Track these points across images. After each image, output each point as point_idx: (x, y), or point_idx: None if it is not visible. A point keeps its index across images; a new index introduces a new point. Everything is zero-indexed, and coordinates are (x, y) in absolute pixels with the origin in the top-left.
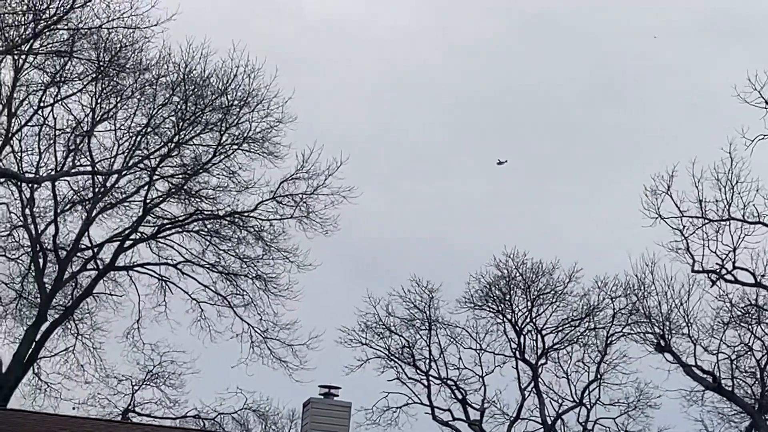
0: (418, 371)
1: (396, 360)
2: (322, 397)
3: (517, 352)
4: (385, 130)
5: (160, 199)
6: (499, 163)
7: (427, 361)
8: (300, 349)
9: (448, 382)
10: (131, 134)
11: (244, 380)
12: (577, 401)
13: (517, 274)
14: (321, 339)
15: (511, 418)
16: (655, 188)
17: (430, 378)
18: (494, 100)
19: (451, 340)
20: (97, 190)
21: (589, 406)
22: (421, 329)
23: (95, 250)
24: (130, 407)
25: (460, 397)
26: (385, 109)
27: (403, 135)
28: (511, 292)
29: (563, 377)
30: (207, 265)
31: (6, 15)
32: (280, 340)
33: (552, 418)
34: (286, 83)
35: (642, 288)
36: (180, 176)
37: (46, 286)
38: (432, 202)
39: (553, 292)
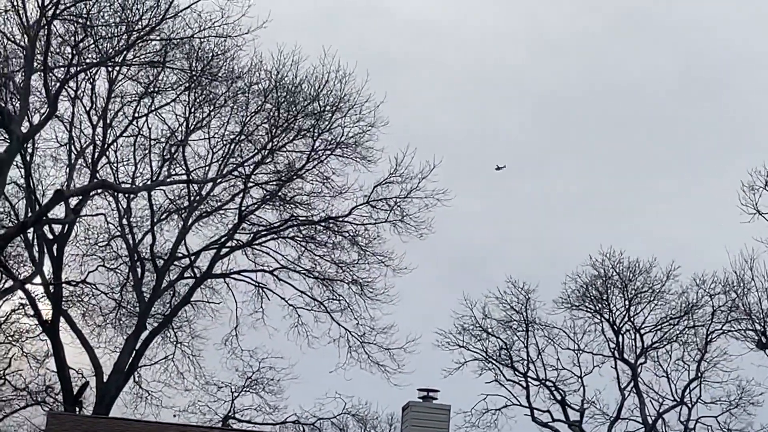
0: (516, 373)
1: (494, 362)
2: (421, 400)
3: (615, 352)
4: (477, 130)
5: (255, 206)
6: (498, 168)
7: (525, 362)
8: (397, 352)
9: (547, 383)
10: (225, 142)
11: (342, 385)
12: (678, 400)
13: (614, 273)
14: (418, 342)
15: (611, 419)
16: (752, 183)
17: (529, 379)
18: (586, 97)
19: (549, 340)
20: (192, 198)
21: (690, 405)
22: (518, 330)
23: (192, 258)
24: (230, 414)
25: (559, 398)
26: (477, 109)
27: (496, 134)
28: (608, 291)
29: (663, 376)
30: (303, 271)
31: (100, 27)
32: (377, 344)
33: (653, 418)
34: (377, 86)
35: (741, 284)
36: (274, 183)
37: (145, 295)
38: (526, 202)
39: (650, 290)
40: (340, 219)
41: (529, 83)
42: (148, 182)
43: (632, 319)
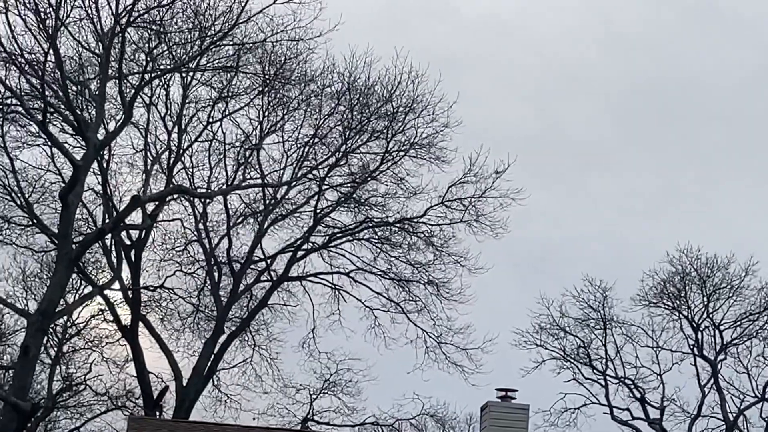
0: (594, 371)
1: (572, 360)
2: (499, 400)
3: (694, 349)
4: (549, 127)
5: (330, 208)
6: (497, 173)
7: (604, 360)
8: (475, 352)
9: (626, 381)
10: (299, 145)
11: (420, 385)
12: (759, 396)
13: (692, 270)
14: (495, 342)
15: (692, 416)
16: None
17: (607, 377)
18: (658, 91)
19: (627, 338)
20: (267, 202)
21: None
22: (595, 329)
23: (268, 261)
24: (308, 416)
25: (638, 396)
26: (548, 106)
27: (568, 131)
28: (686, 288)
29: (744, 372)
30: (379, 272)
31: (173, 34)
32: (454, 345)
33: (734, 415)
34: (449, 86)
35: None
36: (349, 185)
37: (222, 299)
38: (600, 199)
39: (729, 286)
40: (415, 220)
41: (601, 78)
42: (224, 186)
43: (711, 315)
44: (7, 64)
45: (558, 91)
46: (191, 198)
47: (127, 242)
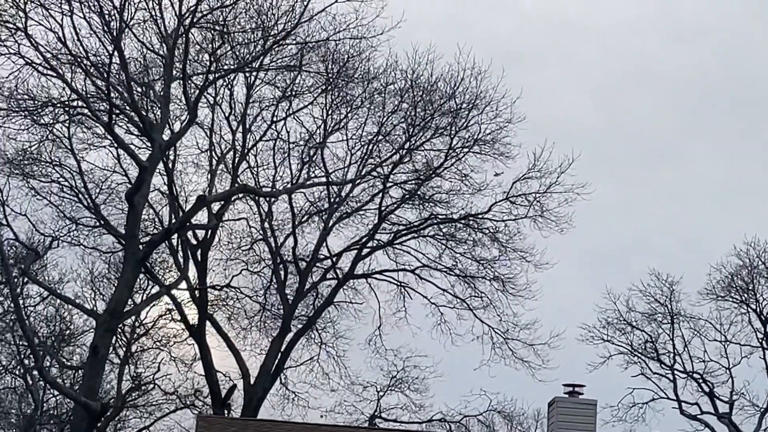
0: (662, 366)
1: (639, 355)
2: (566, 395)
3: (764, 342)
4: (612, 121)
5: (395, 205)
6: (496, 174)
7: (671, 355)
8: (541, 348)
9: (694, 375)
10: (363, 143)
11: (487, 382)
12: None
13: (760, 263)
14: (562, 337)
15: (762, 410)
16: None
17: (676, 372)
18: (722, 83)
19: (695, 332)
20: (332, 200)
21: None
22: (663, 323)
23: (334, 259)
24: (376, 413)
25: (707, 390)
26: (611, 98)
27: (632, 125)
28: (755, 281)
29: None
30: (444, 269)
31: (236, 34)
32: (521, 341)
33: None
34: (511, 82)
35: None
36: (413, 182)
37: (288, 297)
38: (665, 192)
39: None
40: (480, 216)
41: (664, 70)
42: (288, 185)
43: None
44: (73, 67)
45: (621, 84)
46: (256, 197)
47: (194, 242)
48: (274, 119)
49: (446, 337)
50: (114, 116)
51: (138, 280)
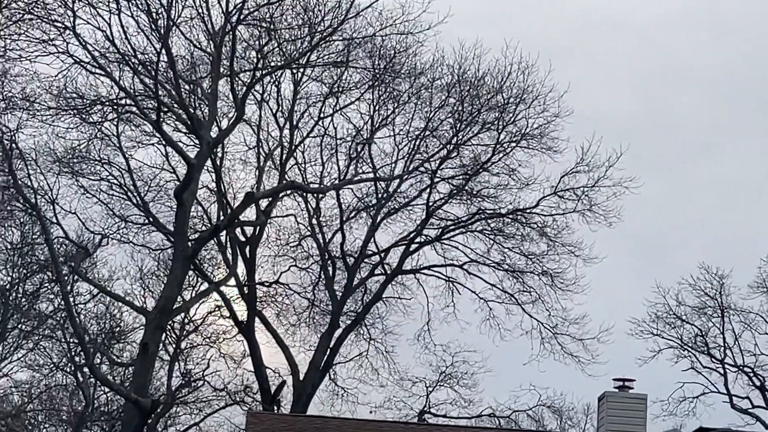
0: (712, 360)
1: (689, 349)
2: (616, 390)
3: None
4: (656, 114)
5: (443, 201)
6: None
7: (722, 348)
8: (591, 343)
9: (745, 369)
10: (410, 138)
11: (536, 376)
12: None
13: None
14: (611, 332)
15: None
16: None
17: (726, 366)
18: (764, 77)
19: (746, 326)
20: (380, 196)
21: None
22: (713, 317)
23: (382, 255)
24: (425, 409)
25: (758, 384)
26: (656, 93)
27: (677, 118)
28: None
29: None
30: (493, 264)
31: (283, 30)
32: (570, 335)
33: None
34: (559, 76)
35: None
36: (461, 177)
37: (337, 293)
38: (713, 185)
39: None
40: (528, 210)
41: (707, 64)
42: (336, 181)
43: None
44: (121, 65)
45: (664, 79)
46: (304, 193)
47: (242, 239)
48: (321, 115)
49: (495, 332)
50: (162, 114)
51: (187, 277)
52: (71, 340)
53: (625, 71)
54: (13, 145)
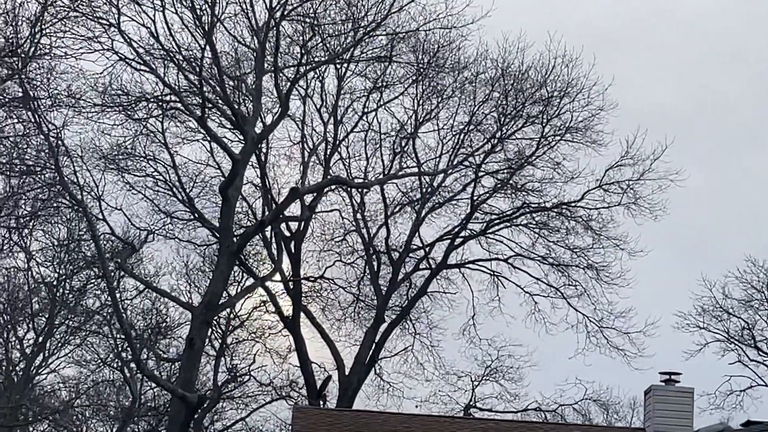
0: (760, 353)
1: (736, 342)
2: (663, 383)
3: None
4: (702, 105)
5: (487, 195)
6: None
7: None
8: (637, 336)
9: None
10: (454, 133)
11: (582, 370)
12: None
13: None
14: (657, 325)
15: None
16: None
17: None
18: None
19: None
20: (424, 190)
21: None
22: (760, 310)
23: (426, 249)
24: (471, 403)
25: None
26: (703, 84)
27: (725, 109)
28: None
29: None
30: (538, 258)
31: (327, 26)
32: (616, 329)
33: None
34: (603, 68)
35: None
36: (505, 171)
37: (382, 288)
38: (761, 176)
39: None
40: (573, 204)
41: (753, 53)
42: (380, 176)
43: None
44: (166, 62)
45: (711, 69)
46: (349, 188)
47: (287, 234)
48: (365, 110)
49: (540, 326)
50: (207, 110)
51: (232, 272)
52: (118, 336)
53: (671, 61)
54: (60, 142)
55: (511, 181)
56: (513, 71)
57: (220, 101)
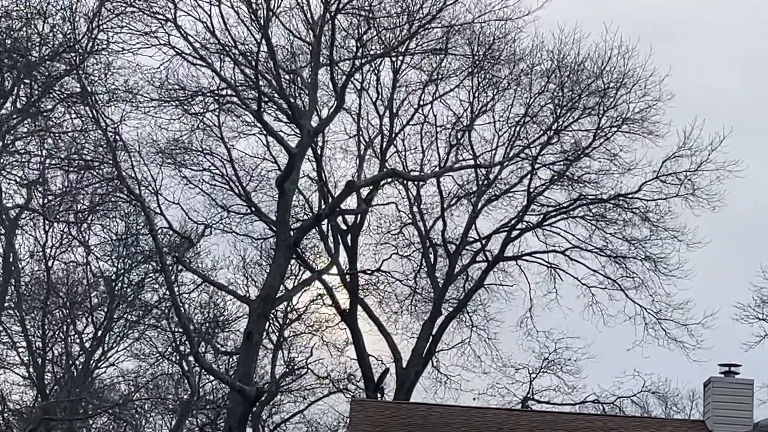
0: None
1: None
2: (722, 375)
3: None
4: (763, 94)
5: (543, 187)
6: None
7: None
8: (695, 328)
9: None
10: (510, 125)
11: (640, 363)
12: None
13: None
14: (716, 317)
15: None
16: None
17: None
18: None
19: None
20: (480, 182)
21: None
22: None
23: (483, 242)
24: (528, 395)
25: None
26: (761, 72)
27: None
28: None
29: None
30: (595, 250)
31: (382, 19)
32: (674, 321)
33: None
34: (660, 58)
35: None
36: (561, 163)
37: (439, 280)
38: None
39: None
40: (630, 195)
41: None
42: (436, 169)
43: None
44: (222, 56)
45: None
46: (405, 181)
47: (343, 227)
48: (421, 103)
49: (598, 318)
50: (263, 104)
51: (289, 265)
52: (176, 330)
53: (728, 51)
54: (117, 137)
55: (567, 173)
56: (569, 62)
57: (276, 95)
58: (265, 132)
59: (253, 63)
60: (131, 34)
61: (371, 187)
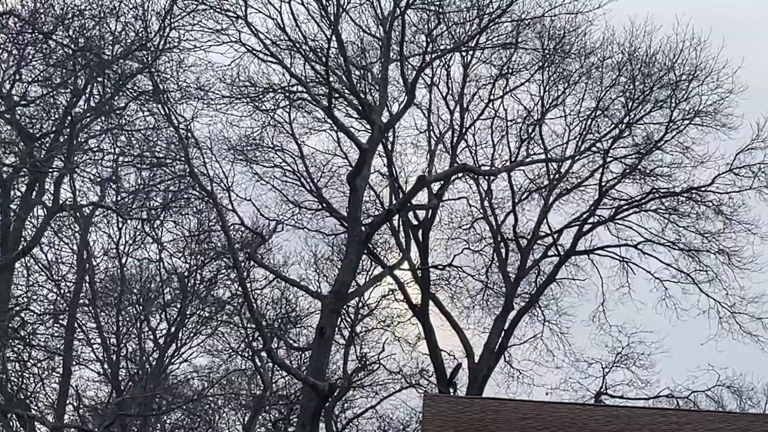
0: None
1: None
2: None
3: None
4: None
5: (615, 180)
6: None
7: None
8: None
9: None
10: (581, 119)
11: (714, 357)
12: None
13: None
14: None
15: None
16: None
17: None
18: None
19: None
20: (551, 177)
21: None
22: None
23: (555, 236)
24: (602, 390)
25: None
26: None
27: None
28: None
29: None
30: (668, 243)
31: (452, 14)
32: (748, 314)
33: None
34: (732, 49)
35: None
36: (633, 156)
37: (510, 275)
38: None
39: None
40: (703, 188)
41: None
42: (507, 163)
43: None
44: (292, 53)
45: None
46: (475, 176)
47: (415, 222)
48: (491, 97)
49: (671, 312)
50: (333, 100)
51: (361, 261)
52: (249, 326)
53: None
54: (189, 134)
55: (639, 167)
56: (640, 55)
57: (346, 91)
58: (335, 128)
59: (324, 59)
60: (202, 31)
61: (442, 182)
